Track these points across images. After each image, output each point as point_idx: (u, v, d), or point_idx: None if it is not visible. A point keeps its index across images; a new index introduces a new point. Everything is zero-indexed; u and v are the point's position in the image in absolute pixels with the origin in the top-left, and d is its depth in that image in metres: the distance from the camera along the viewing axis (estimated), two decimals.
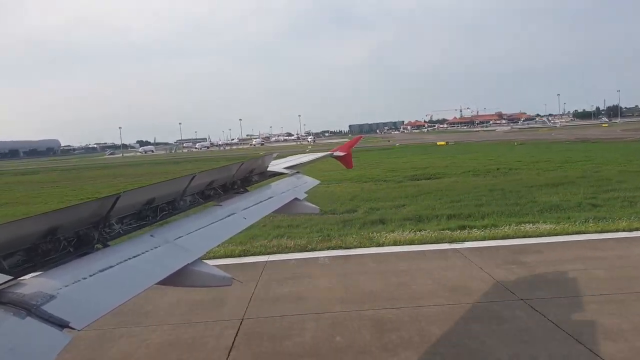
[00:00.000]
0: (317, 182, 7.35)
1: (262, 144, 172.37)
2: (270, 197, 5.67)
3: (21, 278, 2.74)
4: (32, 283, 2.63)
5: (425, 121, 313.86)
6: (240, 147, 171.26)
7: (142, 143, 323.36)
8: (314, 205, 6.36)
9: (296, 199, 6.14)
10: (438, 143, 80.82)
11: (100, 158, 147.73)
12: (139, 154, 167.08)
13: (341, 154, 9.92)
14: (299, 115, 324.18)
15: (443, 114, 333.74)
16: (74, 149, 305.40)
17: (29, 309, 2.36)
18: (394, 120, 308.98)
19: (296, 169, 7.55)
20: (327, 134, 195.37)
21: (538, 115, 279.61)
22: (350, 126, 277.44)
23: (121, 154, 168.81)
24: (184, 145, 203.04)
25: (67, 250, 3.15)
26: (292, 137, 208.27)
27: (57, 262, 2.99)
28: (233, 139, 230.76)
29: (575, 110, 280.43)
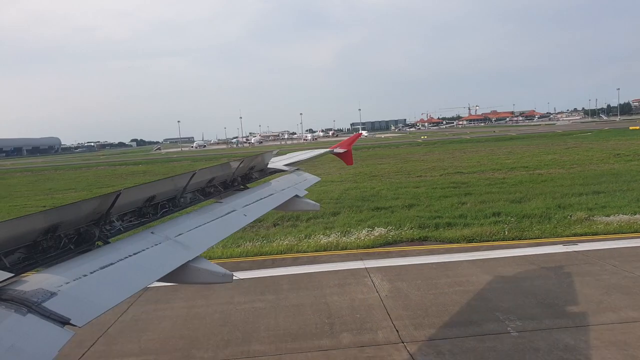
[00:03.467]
0: (317, 178, 7.30)
1: (261, 142, 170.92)
2: (271, 194, 5.67)
3: (22, 275, 2.75)
4: (33, 280, 2.63)
5: (439, 118, 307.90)
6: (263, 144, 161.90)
7: (139, 142, 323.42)
8: (314, 202, 6.35)
9: (296, 195, 6.13)
10: (630, 128, 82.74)
11: (155, 153, 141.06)
12: (192, 148, 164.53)
13: (341, 150, 9.90)
14: (301, 114, 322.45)
15: (443, 113, 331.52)
16: (75, 148, 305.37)
17: (30, 306, 2.36)
18: (395, 119, 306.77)
19: (296, 165, 7.54)
20: (330, 132, 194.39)
21: (549, 113, 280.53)
22: (352, 124, 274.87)
23: (180, 149, 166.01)
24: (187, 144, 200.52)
25: (68, 247, 3.15)
26: (296, 136, 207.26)
27: (58, 259, 3.00)
28: (249, 135, 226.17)
29: (583, 108, 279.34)
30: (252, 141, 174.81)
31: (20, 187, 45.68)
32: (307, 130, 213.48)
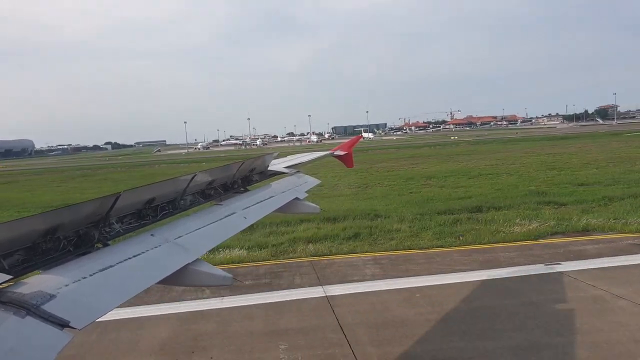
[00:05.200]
0: (317, 181, 7.30)
1: (265, 145, 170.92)
2: (271, 197, 5.66)
3: (21, 277, 2.74)
4: (33, 282, 2.62)
5: (424, 122, 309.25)
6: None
7: (114, 145, 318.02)
8: (314, 205, 6.35)
9: (297, 198, 6.13)
10: None
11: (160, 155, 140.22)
12: (197, 150, 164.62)
13: (342, 153, 9.92)
14: (309, 115, 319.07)
15: (423, 117, 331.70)
16: (50, 150, 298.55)
17: (29, 308, 2.36)
18: (376, 123, 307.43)
19: (297, 168, 7.53)
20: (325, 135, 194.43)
21: (531, 118, 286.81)
22: (333, 128, 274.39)
23: (186, 150, 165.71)
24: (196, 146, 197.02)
25: (67, 249, 3.14)
26: (295, 138, 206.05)
27: (57, 261, 2.98)
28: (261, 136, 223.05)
29: (557, 114, 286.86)
30: (258, 143, 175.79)
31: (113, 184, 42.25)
32: (313, 133, 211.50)
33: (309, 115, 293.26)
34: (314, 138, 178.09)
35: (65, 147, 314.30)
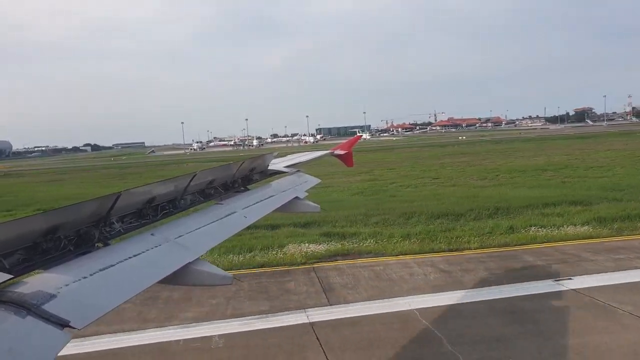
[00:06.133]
0: (317, 180, 7.31)
1: (261, 145, 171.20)
2: (271, 196, 5.67)
3: (22, 277, 2.72)
4: (33, 282, 2.61)
5: (410, 123, 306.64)
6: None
7: (93, 147, 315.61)
8: (314, 204, 6.35)
9: (297, 197, 6.13)
10: None
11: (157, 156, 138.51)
12: (193, 150, 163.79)
13: (341, 152, 9.93)
14: (307, 116, 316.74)
15: (406, 119, 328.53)
16: (30, 152, 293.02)
17: (29, 308, 2.35)
18: (361, 125, 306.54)
19: (297, 167, 7.54)
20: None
21: (519, 119, 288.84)
22: (317, 129, 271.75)
23: (184, 151, 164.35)
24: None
25: (68, 249, 3.12)
26: (294, 138, 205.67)
27: (58, 260, 2.97)
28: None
29: (537, 116, 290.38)
30: (255, 144, 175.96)
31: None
32: (310, 134, 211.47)
33: (307, 116, 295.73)
34: (310, 139, 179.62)
35: (43, 148, 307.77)
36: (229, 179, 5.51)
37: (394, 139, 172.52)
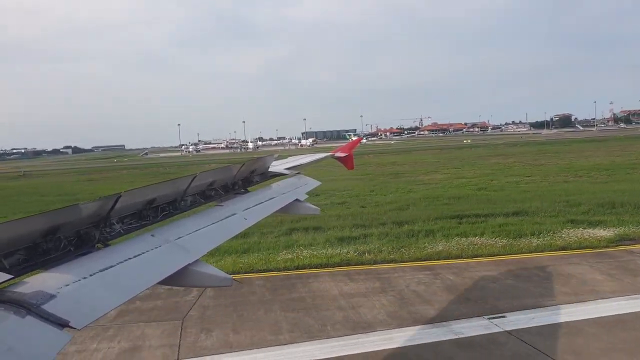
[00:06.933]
0: (318, 182, 7.30)
1: (257, 148, 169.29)
2: (271, 198, 5.67)
3: (22, 277, 2.73)
4: (33, 282, 2.62)
5: (397, 128, 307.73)
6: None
7: (74, 149, 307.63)
8: (314, 207, 6.38)
9: (297, 199, 6.13)
10: None
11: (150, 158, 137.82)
12: (188, 152, 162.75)
13: (342, 154, 9.87)
14: (304, 119, 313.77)
15: (390, 123, 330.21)
16: (9, 154, 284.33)
17: (29, 308, 2.35)
18: (346, 129, 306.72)
19: (297, 169, 7.51)
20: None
21: (503, 124, 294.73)
22: (303, 133, 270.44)
23: (180, 153, 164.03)
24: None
25: (68, 249, 3.12)
26: (292, 142, 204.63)
27: (58, 261, 2.97)
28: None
29: (520, 121, 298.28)
30: (250, 147, 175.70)
31: None
32: (298, 138, 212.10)
33: (304, 119, 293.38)
34: (306, 142, 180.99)
35: (23, 150, 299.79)
36: (229, 181, 5.49)
37: (392, 142, 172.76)
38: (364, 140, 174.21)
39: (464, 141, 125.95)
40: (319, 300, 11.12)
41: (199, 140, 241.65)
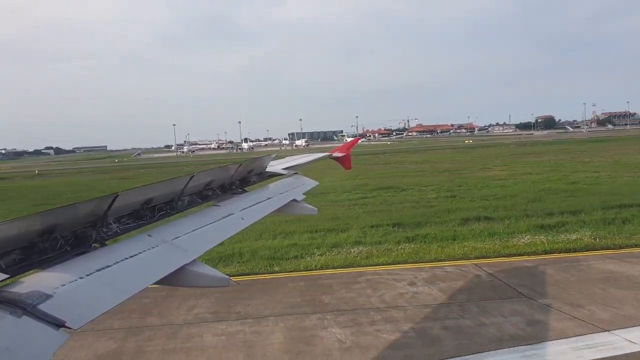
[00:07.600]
0: (315, 183, 7.30)
1: (252, 149, 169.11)
2: (269, 198, 5.68)
3: (18, 277, 2.71)
4: (29, 282, 2.61)
5: (384, 129, 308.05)
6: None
7: (56, 150, 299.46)
8: (311, 207, 6.38)
9: (294, 200, 6.15)
10: None
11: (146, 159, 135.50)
12: (183, 153, 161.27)
13: (340, 154, 9.86)
14: (300, 119, 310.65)
15: (377, 124, 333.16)
16: None
17: (25, 308, 2.34)
18: (333, 130, 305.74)
19: (295, 169, 7.52)
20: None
21: (488, 125, 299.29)
22: (290, 134, 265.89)
23: (175, 153, 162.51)
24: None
25: (64, 249, 3.10)
26: (287, 142, 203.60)
27: (54, 261, 2.96)
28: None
29: (504, 123, 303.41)
30: (245, 147, 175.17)
31: None
32: (291, 137, 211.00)
33: (300, 119, 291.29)
34: (301, 142, 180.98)
35: (3, 151, 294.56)
36: (226, 181, 5.48)
37: (389, 143, 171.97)
38: (361, 141, 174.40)
39: (465, 141, 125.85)
40: None
41: (185, 141, 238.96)
